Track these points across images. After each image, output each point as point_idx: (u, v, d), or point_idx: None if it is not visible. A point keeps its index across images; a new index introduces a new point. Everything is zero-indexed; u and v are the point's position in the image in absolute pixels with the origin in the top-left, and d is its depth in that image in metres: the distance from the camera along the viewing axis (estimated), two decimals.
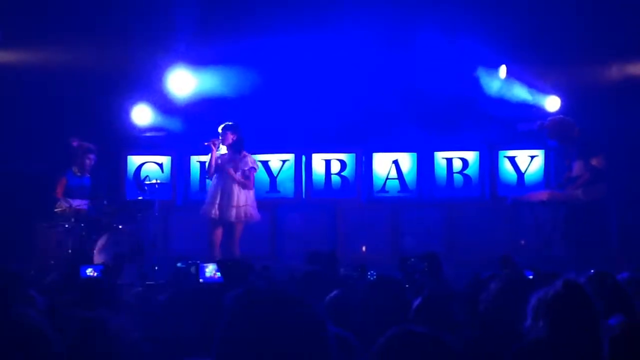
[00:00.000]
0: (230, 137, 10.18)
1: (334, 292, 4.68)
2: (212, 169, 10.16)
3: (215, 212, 9.98)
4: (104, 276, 4.85)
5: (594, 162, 9.88)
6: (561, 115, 10.54)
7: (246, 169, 10.12)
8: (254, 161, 10.35)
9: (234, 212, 9.98)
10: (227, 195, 10.03)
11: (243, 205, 10.05)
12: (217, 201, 10.02)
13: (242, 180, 10.08)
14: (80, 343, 2.95)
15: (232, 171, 10.06)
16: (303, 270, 5.88)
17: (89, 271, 5.23)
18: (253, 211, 10.16)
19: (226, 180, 10.08)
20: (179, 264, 7.33)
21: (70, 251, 10.00)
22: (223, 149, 10.23)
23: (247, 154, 10.27)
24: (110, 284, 4.76)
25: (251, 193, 10.21)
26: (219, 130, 10.21)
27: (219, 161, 10.16)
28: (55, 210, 10.36)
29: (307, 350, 2.05)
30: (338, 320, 3.69)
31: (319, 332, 2.10)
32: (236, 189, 10.04)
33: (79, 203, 10.49)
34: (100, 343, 2.95)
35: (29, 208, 10.86)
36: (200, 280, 4.87)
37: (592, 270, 4.32)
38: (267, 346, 2.04)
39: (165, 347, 3.04)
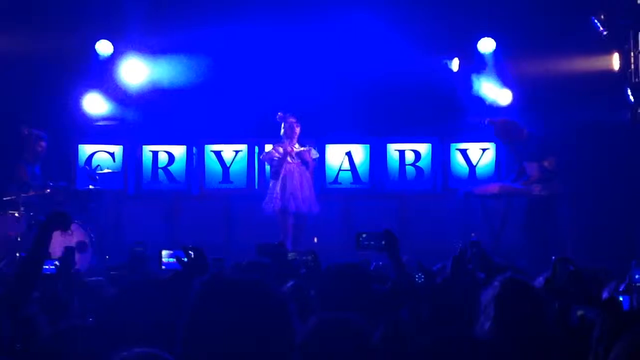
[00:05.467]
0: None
1: (290, 283, 4.68)
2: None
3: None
4: (58, 272, 4.78)
5: (546, 164, 10.00)
6: (508, 118, 10.55)
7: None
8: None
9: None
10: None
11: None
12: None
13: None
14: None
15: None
16: (247, 261, 5.87)
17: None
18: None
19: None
20: (136, 248, 7.15)
21: (18, 239, 9.87)
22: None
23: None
24: (65, 279, 4.72)
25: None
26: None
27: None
28: (47, 191, 10.16)
29: (271, 328, 2.22)
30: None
31: (281, 312, 2.26)
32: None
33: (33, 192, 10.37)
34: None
35: None
36: (163, 267, 4.85)
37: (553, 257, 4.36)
38: (233, 327, 2.18)
39: (116, 337, 3.03)
